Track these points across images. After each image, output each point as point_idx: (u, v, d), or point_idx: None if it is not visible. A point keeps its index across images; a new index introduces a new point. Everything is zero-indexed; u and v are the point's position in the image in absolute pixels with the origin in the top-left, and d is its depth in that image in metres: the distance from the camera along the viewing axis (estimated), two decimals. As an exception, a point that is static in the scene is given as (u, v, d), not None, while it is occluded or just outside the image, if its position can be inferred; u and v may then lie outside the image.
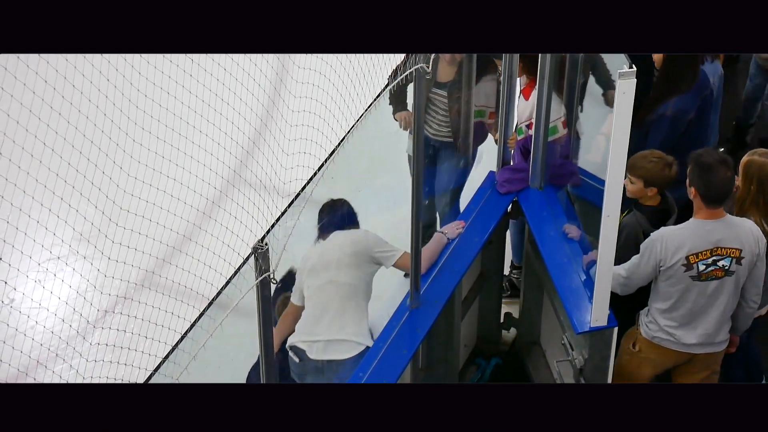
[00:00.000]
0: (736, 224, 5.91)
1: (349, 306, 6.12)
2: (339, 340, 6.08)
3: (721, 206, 5.87)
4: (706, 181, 5.78)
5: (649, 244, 5.90)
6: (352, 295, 6.14)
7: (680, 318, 6.00)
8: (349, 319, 6.10)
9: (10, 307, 6.95)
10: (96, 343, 6.59)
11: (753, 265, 5.93)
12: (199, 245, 5.93)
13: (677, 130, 6.71)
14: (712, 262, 5.87)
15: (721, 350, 6.15)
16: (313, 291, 6.19)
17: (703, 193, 5.80)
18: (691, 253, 5.85)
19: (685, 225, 5.91)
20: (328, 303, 6.13)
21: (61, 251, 7.13)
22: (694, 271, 5.87)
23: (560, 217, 6.62)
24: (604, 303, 5.84)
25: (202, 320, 5.21)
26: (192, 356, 4.58)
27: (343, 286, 6.13)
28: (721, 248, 5.86)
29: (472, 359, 7.43)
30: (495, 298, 7.45)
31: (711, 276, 5.89)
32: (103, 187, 5.87)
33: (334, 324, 6.10)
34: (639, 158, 6.23)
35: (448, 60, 6.81)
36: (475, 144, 7.10)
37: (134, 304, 6.14)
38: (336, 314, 6.11)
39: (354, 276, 6.15)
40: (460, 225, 6.58)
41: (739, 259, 5.88)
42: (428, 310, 6.18)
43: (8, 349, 5.46)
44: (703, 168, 5.81)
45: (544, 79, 6.43)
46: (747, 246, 5.88)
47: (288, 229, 5.02)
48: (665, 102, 6.66)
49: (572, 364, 6.22)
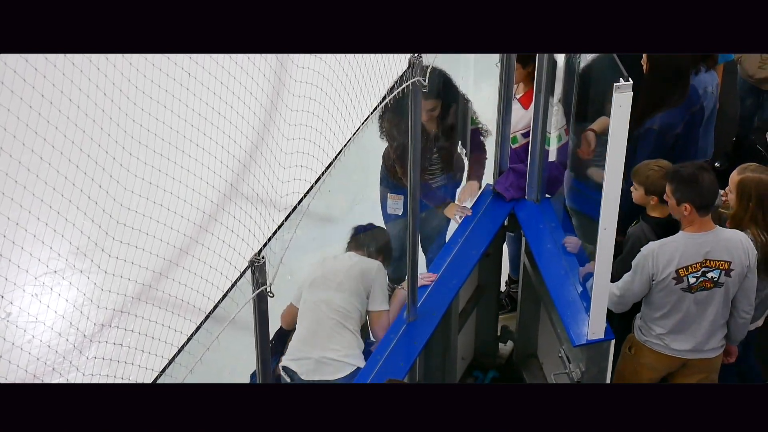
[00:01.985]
0: (726, 237, 5.92)
1: (340, 330, 6.12)
2: (329, 360, 6.07)
3: (710, 214, 5.87)
4: (698, 192, 5.79)
5: (640, 259, 5.91)
6: (344, 321, 6.15)
7: (672, 326, 6.02)
8: (339, 341, 6.11)
9: (7, 321, 6.95)
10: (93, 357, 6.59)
11: (743, 277, 5.94)
12: (196, 259, 5.92)
13: (665, 145, 6.71)
14: (701, 275, 5.88)
15: (713, 357, 6.15)
16: (307, 306, 6.19)
17: (698, 204, 5.80)
18: (680, 267, 5.86)
19: (675, 238, 5.92)
20: (320, 323, 6.13)
21: (57, 265, 7.11)
22: (685, 283, 5.88)
23: (557, 230, 6.62)
24: (601, 316, 5.84)
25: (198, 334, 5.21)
26: (189, 370, 4.58)
27: (336, 311, 6.14)
28: (711, 260, 5.87)
29: (470, 372, 7.43)
30: (492, 310, 7.45)
31: (701, 287, 5.90)
32: (100, 201, 5.87)
33: (324, 344, 6.10)
34: (642, 166, 6.26)
35: (425, 118, 6.65)
36: (473, 156, 7.04)
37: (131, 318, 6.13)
38: (326, 336, 6.12)
39: (349, 303, 6.16)
40: (429, 277, 6.51)
41: (728, 271, 5.89)
42: (425, 322, 6.18)
43: (5, 363, 5.45)
44: (689, 180, 5.82)
45: (541, 88, 6.43)
46: (737, 258, 5.88)
47: (285, 242, 5.02)
48: (652, 116, 6.65)
49: (569, 376, 6.22)
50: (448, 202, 6.90)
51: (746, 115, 8.51)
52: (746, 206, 6.11)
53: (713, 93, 7.08)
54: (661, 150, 6.61)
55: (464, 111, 6.81)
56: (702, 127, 6.96)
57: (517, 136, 6.87)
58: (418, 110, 5.63)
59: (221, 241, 5.59)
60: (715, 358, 6.18)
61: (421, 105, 5.64)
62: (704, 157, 7.00)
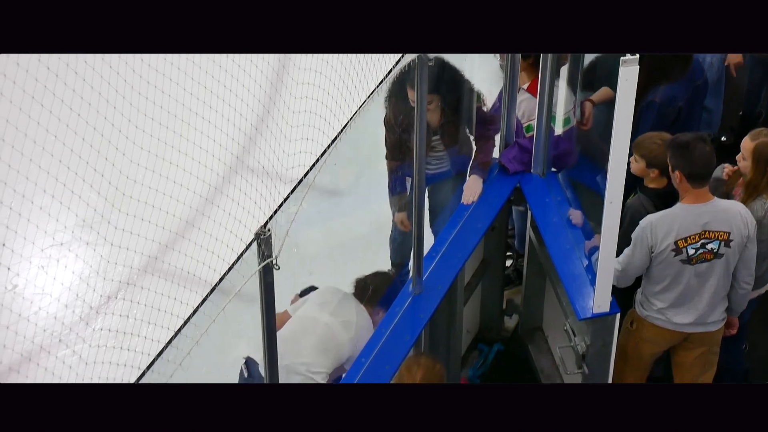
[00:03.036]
0: (725, 207, 5.92)
1: (323, 349, 6.12)
2: (293, 370, 6.03)
3: (706, 186, 5.87)
4: (688, 158, 5.79)
5: (639, 232, 5.92)
6: (332, 347, 6.15)
7: (673, 299, 6.03)
8: (317, 357, 6.10)
9: (14, 293, 6.97)
10: (99, 329, 6.62)
11: (743, 248, 5.94)
12: (202, 231, 5.94)
13: (667, 118, 6.70)
14: (700, 246, 5.88)
15: (715, 330, 6.16)
16: (305, 315, 6.18)
17: (687, 172, 5.81)
18: (679, 238, 5.87)
19: (672, 210, 5.92)
20: (308, 334, 6.13)
21: (63, 237, 7.14)
22: (684, 255, 5.89)
23: (563, 204, 6.62)
24: (607, 289, 5.84)
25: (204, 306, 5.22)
26: (195, 341, 4.59)
27: (331, 336, 6.15)
28: (709, 231, 5.88)
29: (475, 345, 7.44)
30: (497, 284, 7.45)
31: (701, 259, 5.91)
32: (106, 173, 5.89)
33: (300, 353, 6.07)
34: (645, 138, 6.25)
35: (432, 107, 6.67)
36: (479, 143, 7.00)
37: (137, 290, 6.15)
38: (308, 347, 6.10)
39: (345, 341, 6.16)
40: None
41: (727, 242, 5.90)
42: (431, 295, 6.19)
43: (12, 335, 5.48)
44: (682, 147, 5.82)
45: (547, 66, 6.43)
46: (736, 229, 5.89)
47: (291, 215, 5.02)
48: (654, 89, 6.64)
49: (574, 350, 6.23)
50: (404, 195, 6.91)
51: (753, 90, 8.49)
52: (763, 171, 6.11)
53: (716, 65, 7.04)
54: (663, 123, 6.61)
55: (470, 99, 6.77)
56: (709, 97, 6.95)
57: (531, 125, 6.86)
58: (425, 85, 5.62)
59: (227, 214, 5.60)
60: (717, 331, 6.20)
61: (426, 80, 5.63)
62: (709, 129, 6.99)
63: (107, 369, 5.50)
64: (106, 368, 5.48)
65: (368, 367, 5.80)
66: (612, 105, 5.35)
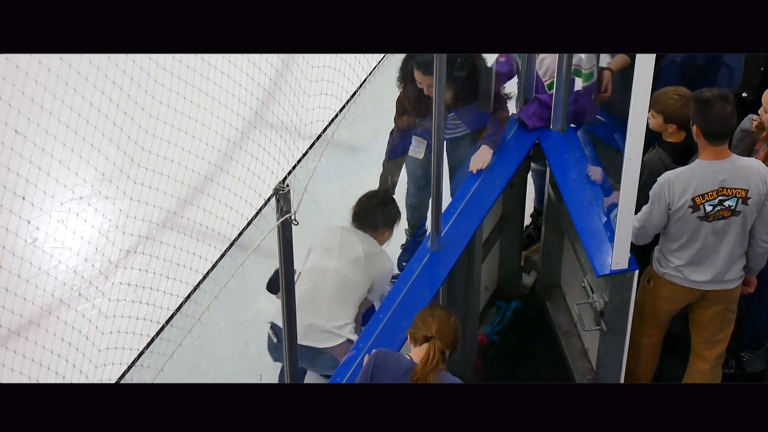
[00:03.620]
0: (743, 164, 5.90)
1: (341, 299, 6.11)
2: (320, 328, 6.06)
3: (724, 143, 5.85)
4: (705, 115, 5.76)
5: (656, 189, 5.90)
6: (348, 292, 6.15)
7: (690, 257, 6.02)
8: (336, 310, 6.10)
9: (34, 246, 7.00)
10: (118, 283, 6.65)
11: (761, 205, 5.92)
12: (221, 186, 5.96)
13: (687, 77, 6.67)
14: (718, 203, 5.87)
15: (732, 288, 6.16)
16: (313, 268, 6.17)
17: (704, 128, 5.79)
18: (697, 195, 5.85)
19: (690, 167, 5.90)
20: (322, 287, 6.11)
21: (83, 191, 7.16)
22: (702, 212, 5.87)
23: (582, 160, 6.60)
24: (625, 246, 5.84)
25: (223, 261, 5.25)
26: (213, 296, 4.61)
27: (344, 280, 6.14)
28: (727, 188, 5.86)
29: (493, 301, 7.45)
30: (516, 241, 7.45)
31: (718, 216, 5.89)
32: (125, 128, 5.88)
33: (320, 310, 6.07)
34: (662, 94, 6.23)
35: (426, 92, 6.47)
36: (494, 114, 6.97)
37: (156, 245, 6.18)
38: (325, 301, 6.09)
39: (359, 279, 6.15)
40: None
41: (745, 199, 5.88)
42: (449, 252, 6.19)
43: (32, 288, 5.50)
44: (702, 102, 5.80)
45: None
46: (754, 186, 5.87)
47: (309, 170, 5.03)
48: None
49: (592, 306, 6.23)
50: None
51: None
52: None
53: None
54: (684, 82, 6.58)
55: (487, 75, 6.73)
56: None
57: (554, 82, 6.83)
58: (443, 81, 5.56)
59: (246, 169, 5.60)
60: (734, 289, 6.19)
61: (444, 76, 5.58)
62: (730, 86, 6.94)
63: (126, 323, 5.53)
64: (125, 322, 5.51)
65: (386, 323, 5.82)
66: (630, 71, 5.32)
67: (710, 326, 6.29)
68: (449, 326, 5.19)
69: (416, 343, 5.16)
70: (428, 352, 5.07)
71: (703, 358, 6.38)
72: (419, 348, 5.13)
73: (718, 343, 6.35)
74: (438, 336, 5.12)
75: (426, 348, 5.09)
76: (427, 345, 5.10)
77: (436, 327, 5.14)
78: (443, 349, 5.10)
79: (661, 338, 6.44)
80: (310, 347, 6.04)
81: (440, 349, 5.08)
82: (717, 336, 6.32)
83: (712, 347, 6.35)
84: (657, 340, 6.43)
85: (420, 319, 5.22)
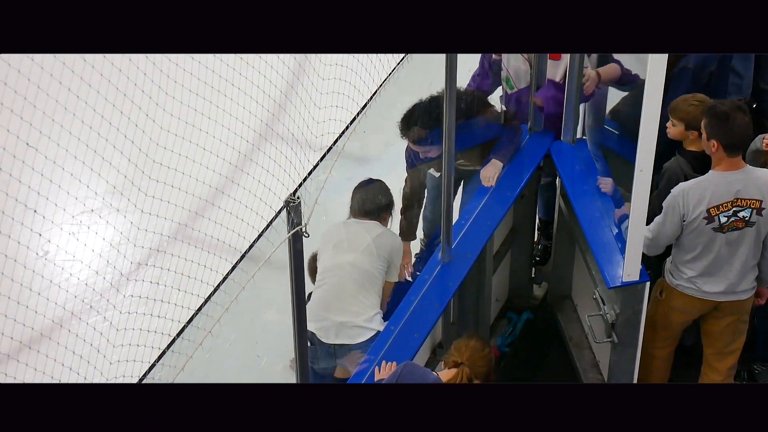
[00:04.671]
0: (757, 175, 5.90)
1: (364, 291, 6.12)
2: (351, 324, 6.07)
3: (740, 154, 5.84)
4: (727, 130, 5.76)
5: (670, 200, 5.90)
6: (368, 283, 6.15)
7: (704, 268, 6.01)
8: (362, 304, 6.10)
9: (45, 259, 7.00)
10: (129, 296, 6.64)
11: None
12: (232, 198, 5.95)
13: (699, 83, 6.66)
14: (732, 214, 5.86)
15: (745, 299, 6.14)
16: (330, 266, 6.17)
17: (726, 142, 5.78)
18: (711, 206, 5.84)
19: (705, 178, 5.90)
20: (343, 284, 6.12)
21: (94, 204, 7.17)
22: (716, 223, 5.87)
23: (593, 171, 6.60)
24: (636, 257, 5.83)
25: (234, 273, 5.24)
26: (224, 309, 4.61)
27: (362, 272, 6.14)
28: (741, 199, 5.85)
29: (504, 313, 7.45)
30: (526, 252, 7.45)
31: (732, 227, 5.89)
32: (137, 140, 5.89)
33: (347, 308, 6.09)
34: (680, 101, 6.22)
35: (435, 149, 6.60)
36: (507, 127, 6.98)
37: (167, 257, 6.18)
38: (350, 297, 6.10)
39: (375, 266, 6.16)
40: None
41: (759, 210, 5.87)
42: (460, 264, 6.19)
43: (43, 301, 5.51)
44: (720, 117, 5.79)
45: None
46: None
47: (320, 182, 5.03)
48: (686, 55, 6.60)
49: (604, 318, 6.22)
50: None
51: None
52: None
53: None
54: (695, 89, 6.57)
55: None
56: (738, 60, 6.88)
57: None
58: (454, 73, 5.58)
59: (257, 181, 5.60)
60: (747, 300, 6.18)
61: (455, 77, 5.60)
62: (739, 94, 6.92)
63: (137, 335, 5.53)
64: (136, 335, 5.51)
65: (397, 334, 5.82)
66: (620, 83, 5.32)
67: (722, 337, 6.28)
68: (482, 356, 5.25)
69: (447, 366, 5.24)
70: (455, 376, 5.13)
71: (715, 369, 6.36)
72: (449, 370, 5.19)
73: (730, 354, 6.34)
74: (468, 363, 5.18)
75: (455, 372, 5.15)
76: (456, 369, 5.16)
77: (468, 354, 5.22)
78: (471, 376, 5.15)
79: (673, 350, 6.43)
80: (344, 345, 6.07)
81: (468, 375, 5.15)
82: (729, 347, 6.31)
83: (724, 358, 6.34)
84: (669, 352, 6.42)
85: (455, 346, 5.30)
